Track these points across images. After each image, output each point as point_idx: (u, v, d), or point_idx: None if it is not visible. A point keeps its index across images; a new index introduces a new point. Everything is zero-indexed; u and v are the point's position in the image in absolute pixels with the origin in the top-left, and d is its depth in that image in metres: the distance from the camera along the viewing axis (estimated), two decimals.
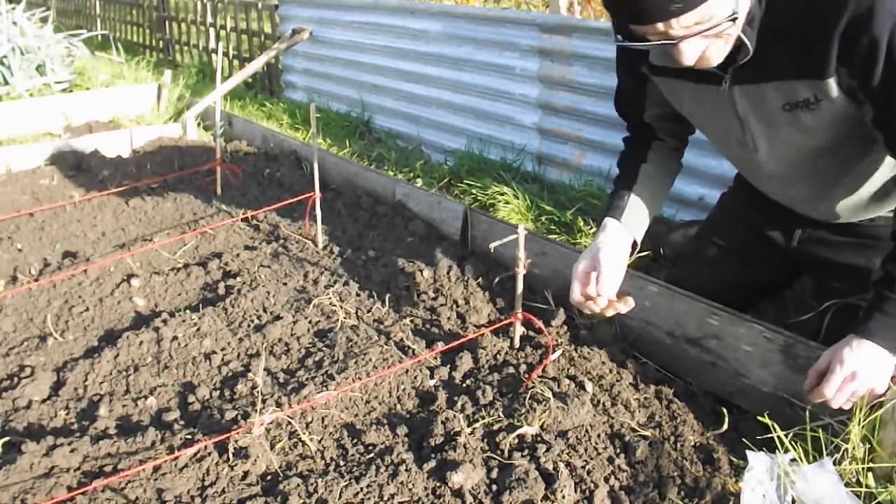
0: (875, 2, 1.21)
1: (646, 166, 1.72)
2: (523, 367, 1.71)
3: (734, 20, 1.24)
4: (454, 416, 1.50)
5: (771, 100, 1.42)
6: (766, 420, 1.45)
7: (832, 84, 1.32)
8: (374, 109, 4.34)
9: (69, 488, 1.36)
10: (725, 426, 1.54)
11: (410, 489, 1.33)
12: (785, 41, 1.32)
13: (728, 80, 1.42)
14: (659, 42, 1.25)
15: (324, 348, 1.82)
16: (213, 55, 5.86)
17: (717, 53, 1.32)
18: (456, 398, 1.60)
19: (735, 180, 2.00)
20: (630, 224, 1.66)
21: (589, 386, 1.60)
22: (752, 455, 1.35)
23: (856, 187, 1.56)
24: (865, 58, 1.25)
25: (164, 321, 1.92)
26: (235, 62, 5.63)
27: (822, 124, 1.41)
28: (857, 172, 1.52)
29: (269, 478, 1.40)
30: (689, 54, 1.28)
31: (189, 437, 1.49)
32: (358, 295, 2.08)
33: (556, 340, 1.79)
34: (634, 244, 1.69)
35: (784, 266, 1.88)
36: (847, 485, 1.32)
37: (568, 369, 1.67)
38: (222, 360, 1.81)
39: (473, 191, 3.12)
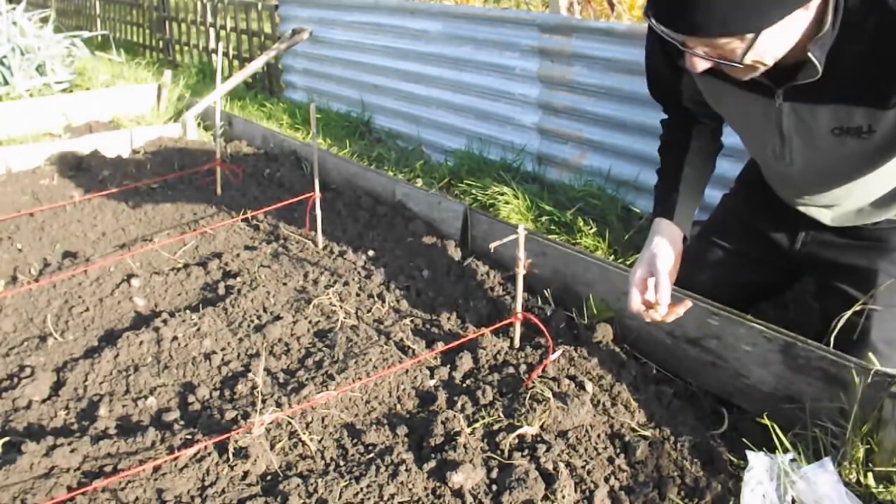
0: None
1: (690, 156, 1.67)
2: (523, 367, 1.71)
3: (755, 68, 1.21)
4: (454, 416, 1.50)
5: (822, 121, 1.38)
6: (766, 420, 1.45)
7: (891, 115, 1.29)
8: (374, 109, 4.34)
9: (69, 488, 1.36)
10: (725, 426, 1.54)
11: (410, 489, 1.33)
12: (852, 65, 1.26)
13: (781, 97, 1.37)
14: (671, 40, 1.24)
15: (324, 348, 1.82)
16: (213, 55, 5.86)
17: (741, 74, 1.29)
18: (456, 398, 1.60)
19: (737, 182, 2.00)
20: (681, 221, 1.62)
21: (589, 386, 1.60)
22: (751, 455, 1.35)
23: (874, 198, 1.56)
24: None
25: (164, 321, 1.92)
26: (235, 62, 5.63)
27: (867, 153, 1.40)
28: (881, 185, 1.52)
29: (269, 478, 1.40)
30: (698, 66, 1.25)
31: (189, 437, 1.49)
32: (358, 295, 2.08)
33: (556, 340, 1.79)
34: (685, 238, 1.66)
35: (786, 267, 1.88)
36: (847, 485, 1.32)
37: (568, 369, 1.67)
38: (222, 360, 1.81)
39: (473, 191, 3.12)
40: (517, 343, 1.80)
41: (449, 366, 1.75)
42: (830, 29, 1.23)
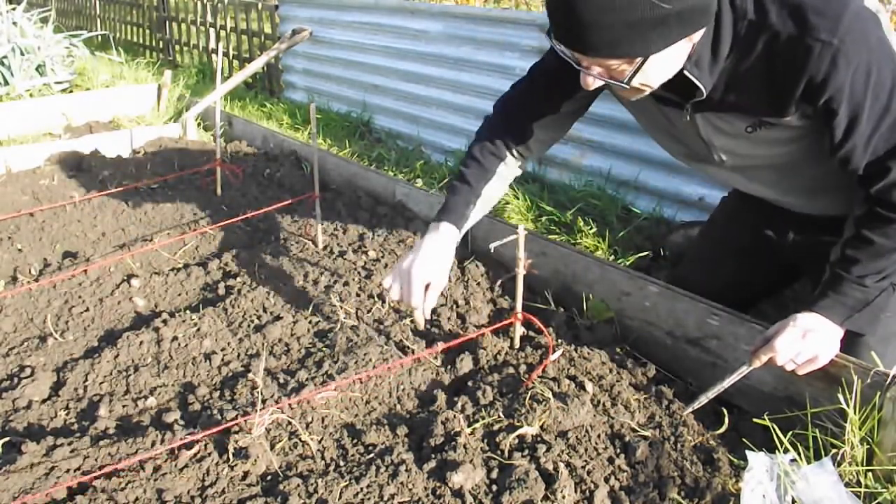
0: (832, 68, 1.25)
1: (501, 168, 1.75)
2: (523, 368, 1.71)
3: (641, 91, 1.31)
4: (454, 416, 1.50)
5: (733, 125, 1.48)
6: (766, 420, 1.45)
7: (791, 118, 1.40)
8: (374, 109, 4.34)
9: (69, 488, 1.36)
10: (725, 426, 1.54)
11: (410, 489, 1.33)
12: (748, 80, 1.37)
13: (689, 111, 1.47)
14: (568, 59, 1.33)
15: (324, 348, 1.82)
16: (213, 55, 5.85)
17: (629, 95, 1.39)
18: (456, 398, 1.60)
19: None
20: (462, 229, 1.73)
21: (589, 386, 1.60)
22: (751, 455, 1.35)
23: (809, 183, 1.61)
24: (826, 107, 1.32)
25: (164, 321, 1.92)
26: (235, 62, 5.63)
27: (781, 139, 1.48)
28: (806, 169, 1.57)
29: (269, 478, 1.40)
30: (591, 84, 1.34)
31: (189, 437, 1.49)
32: (358, 295, 2.08)
33: (556, 340, 1.79)
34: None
35: (783, 266, 1.88)
36: (847, 485, 1.32)
37: (568, 369, 1.67)
38: (222, 360, 1.81)
39: None
40: (517, 343, 1.80)
41: (449, 366, 1.75)
42: (709, 50, 1.33)
